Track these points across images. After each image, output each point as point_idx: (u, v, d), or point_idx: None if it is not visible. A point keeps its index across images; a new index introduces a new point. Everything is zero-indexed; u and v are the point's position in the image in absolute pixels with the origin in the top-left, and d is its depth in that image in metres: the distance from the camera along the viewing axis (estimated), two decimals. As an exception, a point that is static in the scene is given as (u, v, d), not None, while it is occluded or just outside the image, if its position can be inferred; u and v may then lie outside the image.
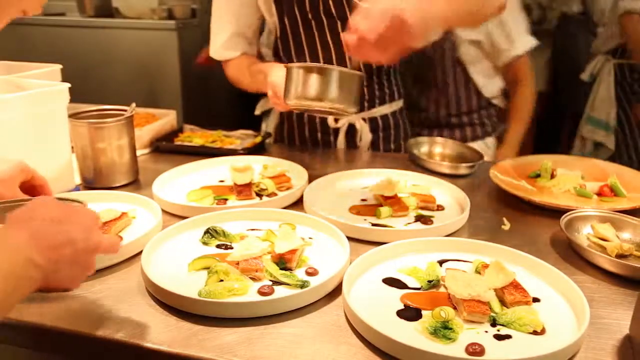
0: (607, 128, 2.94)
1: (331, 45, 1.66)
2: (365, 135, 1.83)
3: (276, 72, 1.39)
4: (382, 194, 1.36)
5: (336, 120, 1.81)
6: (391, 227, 1.26)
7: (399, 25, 1.04)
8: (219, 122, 2.06)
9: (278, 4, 1.63)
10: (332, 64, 1.67)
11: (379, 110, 1.84)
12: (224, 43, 1.70)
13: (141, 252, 1.07)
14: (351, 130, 1.83)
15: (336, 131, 1.84)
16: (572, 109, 4.29)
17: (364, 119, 1.82)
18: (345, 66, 1.69)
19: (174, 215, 1.31)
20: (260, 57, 1.88)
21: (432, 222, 1.29)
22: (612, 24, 2.91)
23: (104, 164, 1.47)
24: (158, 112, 2.00)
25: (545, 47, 4.68)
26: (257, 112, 2.04)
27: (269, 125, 2.03)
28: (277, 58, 1.80)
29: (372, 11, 1.06)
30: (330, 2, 1.58)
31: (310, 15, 1.62)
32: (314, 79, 1.19)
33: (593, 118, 2.91)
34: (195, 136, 1.87)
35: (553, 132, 4.55)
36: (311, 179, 1.47)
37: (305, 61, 1.73)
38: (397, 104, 1.89)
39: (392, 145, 1.90)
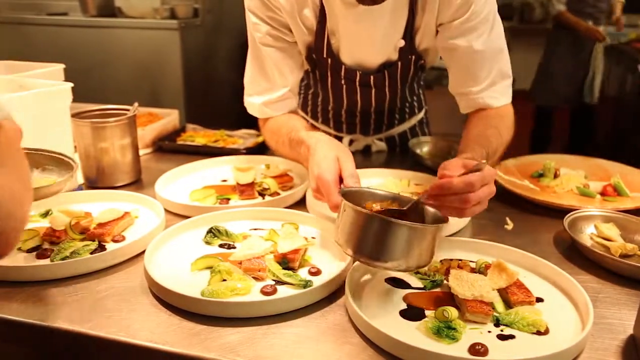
0: None
1: (359, 95, 1.55)
2: (382, 153, 1.75)
3: (324, 159, 1.09)
4: (385, 194, 1.35)
5: (350, 143, 1.73)
6: (394, 226, 1.25)
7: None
8: (222, 122, 2.06)
9: (311, 61, 1.46)
10: (357, 107, 1.59)
11: (397, 129, 1.76)
12: (270, 100, 1.42)
13: (144, 251, 1.07)
14: (366, 150, 1.76)
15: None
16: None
17: (380, 139, 1.74)
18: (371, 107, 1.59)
19: (176, 214, 1.31)
20: None
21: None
22: None
23: (107, 163, 1.47)
24: (160, 112, 2.00)
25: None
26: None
27: None
28: (305, 84, 1.70)
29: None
30: (371, 77, 1.46)
31: (343, 82, 1.51)
32: (378, 235, 0.89)
33: None
34: (197, 136, 1.87)
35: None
36: (314, 178, 1.47)
37: (328, 98, 1.60)
38: (417, 117, 1.81)
39: (409, 160, 1.75)
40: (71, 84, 1.38)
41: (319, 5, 1.34)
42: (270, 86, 1.42)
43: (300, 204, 1.39)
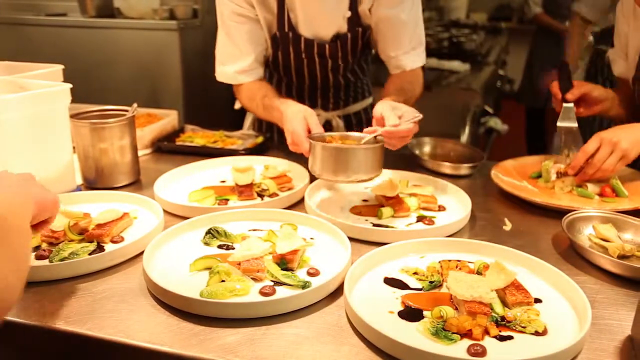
0: None
1: (317, 67, 1.78)
2: (341, 130, 1.89)
3: (294, 117, 1.37)
4: (384, 195, 1.36)
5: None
6: (393, 227, 1.26)
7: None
8: (220, 123, 2.06)
9: (274, 41, 1.70)
10: (317, 81, 1.83)
11: (352, 108, 1.96)
12: (242, 69, 1.68)
13: (143, 252, 1.07)
14: (327, 126, 1.89)
15: None
16: None
17: (339, 116, 1.92)
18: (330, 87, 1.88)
19: (175, 215, 1.32)
20: None
21: (433, 223, 1.29)
22: None
23: (106, 164, 1.48)
24: (159, 113, 2.00)
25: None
26: (237, 106, 2.03)
27: (248, 119, 2.05)
28: (268, 69, 1.87)
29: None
30: (326, 46, 1.69)
31: (303, 55, 1.73)
32: (338, 159, 1.25)
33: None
34: (196, 136, 1.87)
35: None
36: (312, 179, 1.47)
37: (291, 76, 1.82)
38: (367, 101, 2.03)
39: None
40: (70, 85, 1.38)
41: None
42: (239, 54, 1.67)
43: (299, 204, 1.39)
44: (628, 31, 1.63)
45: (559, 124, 1.55)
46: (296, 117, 1.36)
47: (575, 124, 1.53)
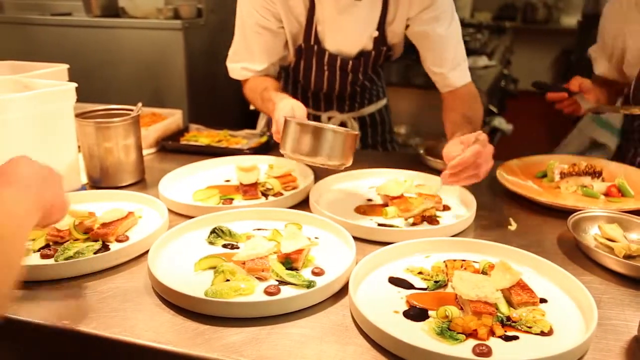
0: (613, 130, 3.01)
1: (337, 79, 1.78)
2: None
3: (283, 108, 1.39)
4: (388, 194, 1.36)
5: (329, 120, 1.91)
6: (397, 227, 1.26)
7: None
8: (225, 122, 2.06)
9: (298, 51, 1.70)
10: (335, 89, 1.82)
11: (367, 110, 1.96)
12: (252, 69, 1.69)
13: (147, 251, 1.08)
14: (343, 126, 1.91)
15: None
16: None
17: (354, 118, 1.93)
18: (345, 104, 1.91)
19: (180, 214, 1.32)
20: None
21: (438, 222, 1.28)
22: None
23: (111, 163, 1.48)
24: (164, 112, 2.00)
25: (553, 46, 4.68)
26: (252, 107, 2.04)
27: (262, 120, 2.06)
28: (285, 71, 1.88)
29: None
30: (350, 62, 1.69)
31: (325, 67, 1.73)
32: (310, 138, 1.22)
33: (600, 120, 2.96)
34: (201, 136, 1.87)
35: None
36: (317, 178, 1.47)
37: (309, 84, 1.82)
38: (382, 102, 2.03)
39: (379, 138, 2.04)
40: (75, 84, 1.38)
41: None
42: (252, 60, 1.68)
43: (304, 204, 1.39)
44: (622, 34, 1.67)
45: (585, 107, 1.66)
46: (284, 109, 1.38)
47: (594, 103, 1.66)
